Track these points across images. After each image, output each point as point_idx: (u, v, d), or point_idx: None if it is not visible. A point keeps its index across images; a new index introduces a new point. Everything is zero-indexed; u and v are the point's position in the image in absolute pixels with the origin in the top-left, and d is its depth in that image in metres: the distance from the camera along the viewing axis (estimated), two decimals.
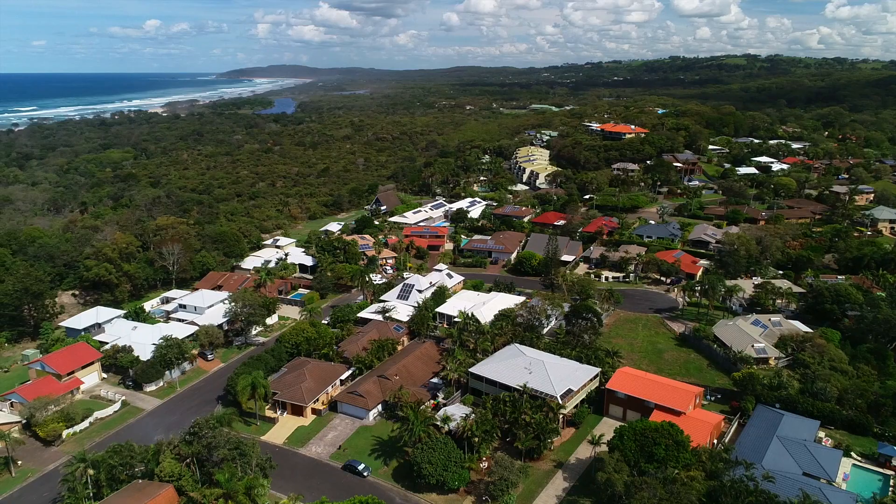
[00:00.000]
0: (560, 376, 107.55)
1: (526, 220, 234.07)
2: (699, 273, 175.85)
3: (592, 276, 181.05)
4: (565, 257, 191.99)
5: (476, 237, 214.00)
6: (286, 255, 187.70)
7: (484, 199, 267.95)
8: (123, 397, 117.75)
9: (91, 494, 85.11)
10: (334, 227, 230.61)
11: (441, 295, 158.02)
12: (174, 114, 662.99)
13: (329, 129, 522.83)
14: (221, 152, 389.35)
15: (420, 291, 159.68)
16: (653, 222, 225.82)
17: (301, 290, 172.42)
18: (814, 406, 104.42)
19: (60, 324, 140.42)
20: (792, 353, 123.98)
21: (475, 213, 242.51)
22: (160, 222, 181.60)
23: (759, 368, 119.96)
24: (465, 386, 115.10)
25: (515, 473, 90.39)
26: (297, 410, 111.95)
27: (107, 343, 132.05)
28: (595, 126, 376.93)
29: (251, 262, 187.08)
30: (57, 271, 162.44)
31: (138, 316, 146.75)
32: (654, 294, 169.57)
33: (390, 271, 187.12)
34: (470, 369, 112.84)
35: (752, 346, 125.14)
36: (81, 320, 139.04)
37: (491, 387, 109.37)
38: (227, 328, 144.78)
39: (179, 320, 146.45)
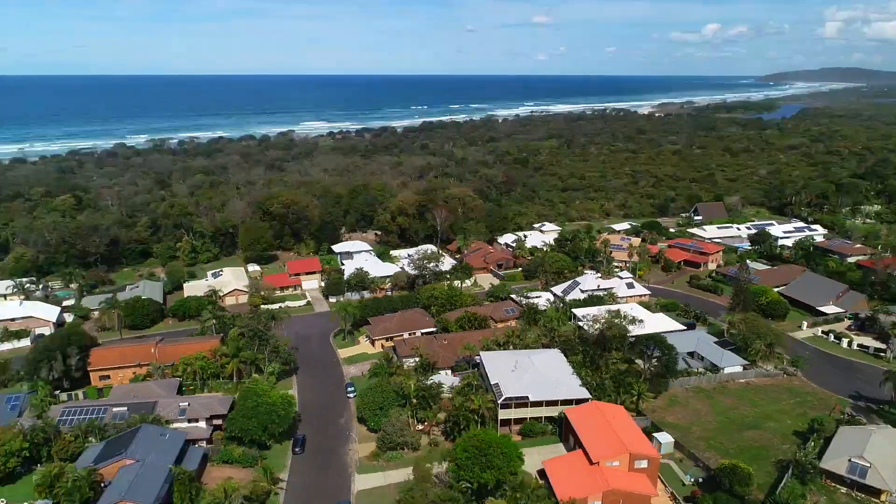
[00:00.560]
0: (529, 384, 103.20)
1: (851, 259, 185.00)
2: None
3: (833, 336, 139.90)
4: (828, 308, 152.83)
5: (747, 264, 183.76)
6: (525, 237, 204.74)
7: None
8: (309, 299, 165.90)
9: (212, 333, 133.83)
10: (623, 226, 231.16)
11: (599, 299, 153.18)
12: (651, 113, 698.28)
13: (783, 138, 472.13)
14: (628, 149, 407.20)
15: (583, 291, 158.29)
16: None
17: (517, 269, 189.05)
18: None
19: (332, 246, 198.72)
20: None
21: (791, 240, 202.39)
22: (452, 191, 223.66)
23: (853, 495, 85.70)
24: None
25: (402, 436, 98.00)
26: (372, 341, 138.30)
27: (344, 266, 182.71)
28: None
29: (506, 238, 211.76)
30: (372, 214, 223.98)
31: (381, 256, 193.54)
32: None
33: (618, 271, 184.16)
34: (480, 352, 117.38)
35: (850, 459, 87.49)
36: (341, 247, 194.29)
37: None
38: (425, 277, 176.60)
39: (401, 266, 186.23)
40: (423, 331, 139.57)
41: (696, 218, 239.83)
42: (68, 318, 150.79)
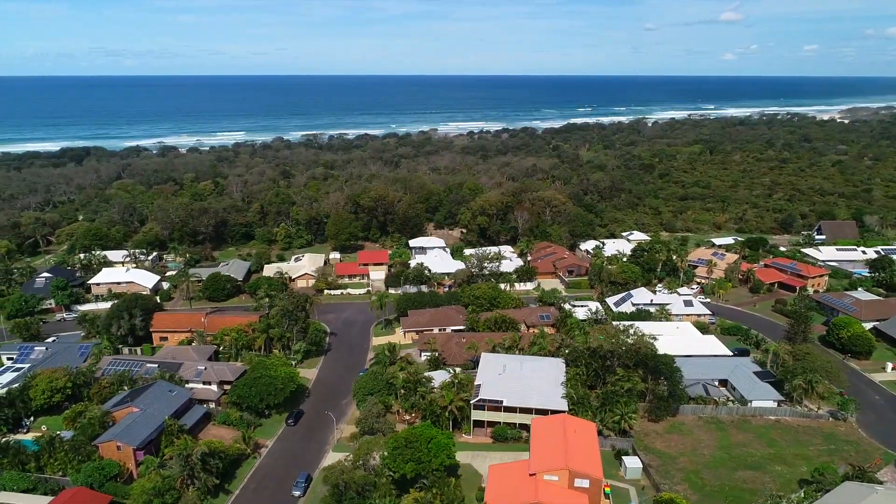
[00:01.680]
0: (508, 389, 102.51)
1: None
2: None
3: None
4: None
5: (856, 293, 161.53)
6: (602, 245, 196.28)
7: None
8: (369, 288, 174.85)
9: (265, 309, 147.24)
10: (726, 240, 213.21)
11: (648, 314, 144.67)
12: (831, 119, 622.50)
13: None
14: (779, 158, 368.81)
15: (634, 304, 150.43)
16: None
17: (586, 276, 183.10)
18: None
19: (409, 241, 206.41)
20: None
21: None
22: (542, 193, 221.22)
23: None
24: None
25: (377, 423, 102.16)
26: (404, 332, 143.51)
27: (414, 260, 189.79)
28: None
29: (587, 245, 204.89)
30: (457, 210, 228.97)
31: (454, 253, 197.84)
32: None
33: (696, 288, 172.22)
34: (482, 353, 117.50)
35: None
36: (416, 242, 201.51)
37: None
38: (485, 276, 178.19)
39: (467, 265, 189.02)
40: (454, 328, 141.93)
41: (817, 237, 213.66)
42: (166, 286, 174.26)
